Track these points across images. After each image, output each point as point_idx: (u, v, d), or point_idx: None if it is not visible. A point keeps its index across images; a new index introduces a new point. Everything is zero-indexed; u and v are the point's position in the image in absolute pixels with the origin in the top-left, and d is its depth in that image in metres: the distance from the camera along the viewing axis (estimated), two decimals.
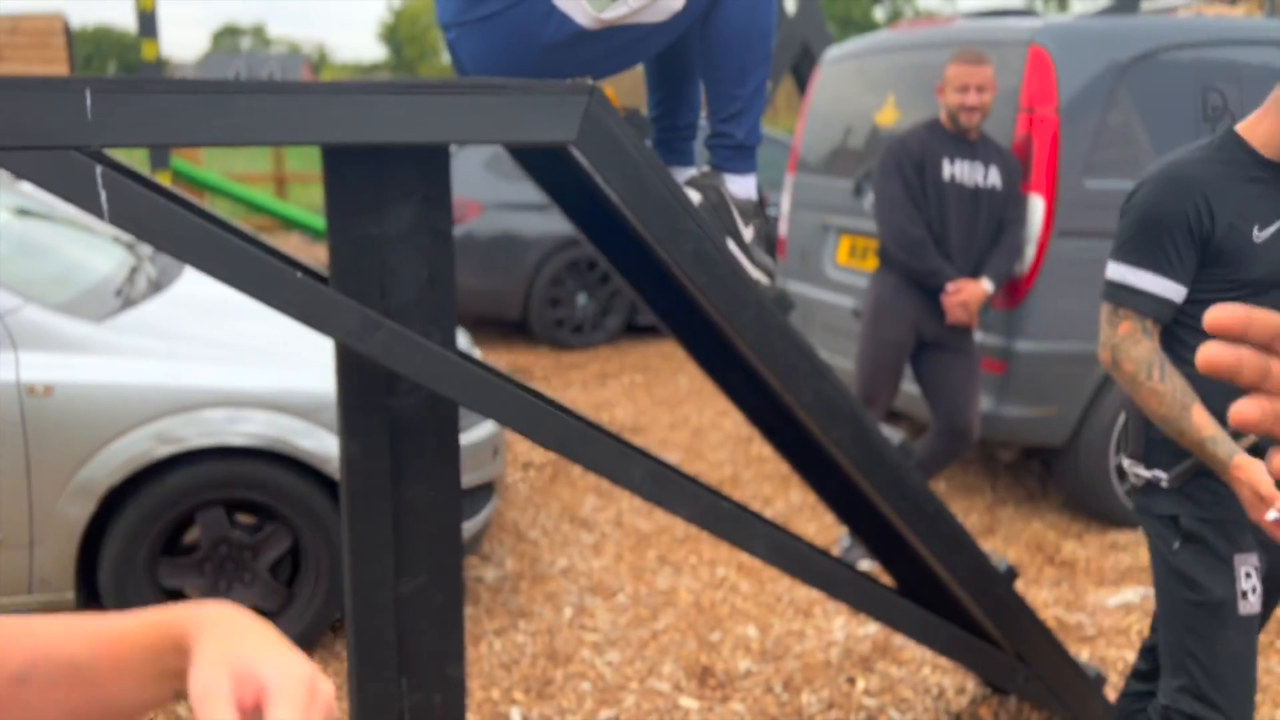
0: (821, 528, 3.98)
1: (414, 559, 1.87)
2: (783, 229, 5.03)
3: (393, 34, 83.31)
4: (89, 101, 1.36)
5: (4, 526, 2.65)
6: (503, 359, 6.40)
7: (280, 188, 12.64)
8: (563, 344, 6.76)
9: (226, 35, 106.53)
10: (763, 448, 4.90)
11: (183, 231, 1.44)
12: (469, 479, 3.16)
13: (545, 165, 2.22)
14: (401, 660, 1.90)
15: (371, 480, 1.80)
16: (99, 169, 1.39)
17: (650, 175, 1.69)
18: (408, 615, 1.89)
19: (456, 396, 1.69)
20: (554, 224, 6.54)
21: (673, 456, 4.76)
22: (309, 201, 12.88)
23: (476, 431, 3.22)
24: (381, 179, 1.70)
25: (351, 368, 1.75)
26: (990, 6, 4.39)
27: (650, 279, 2.36)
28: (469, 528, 3.22)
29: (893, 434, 2.04)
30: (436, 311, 1.77)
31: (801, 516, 4.10)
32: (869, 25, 48.25)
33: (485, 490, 3.30)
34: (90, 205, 1.39)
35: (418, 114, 1.56)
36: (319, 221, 9.72)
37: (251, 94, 1.47)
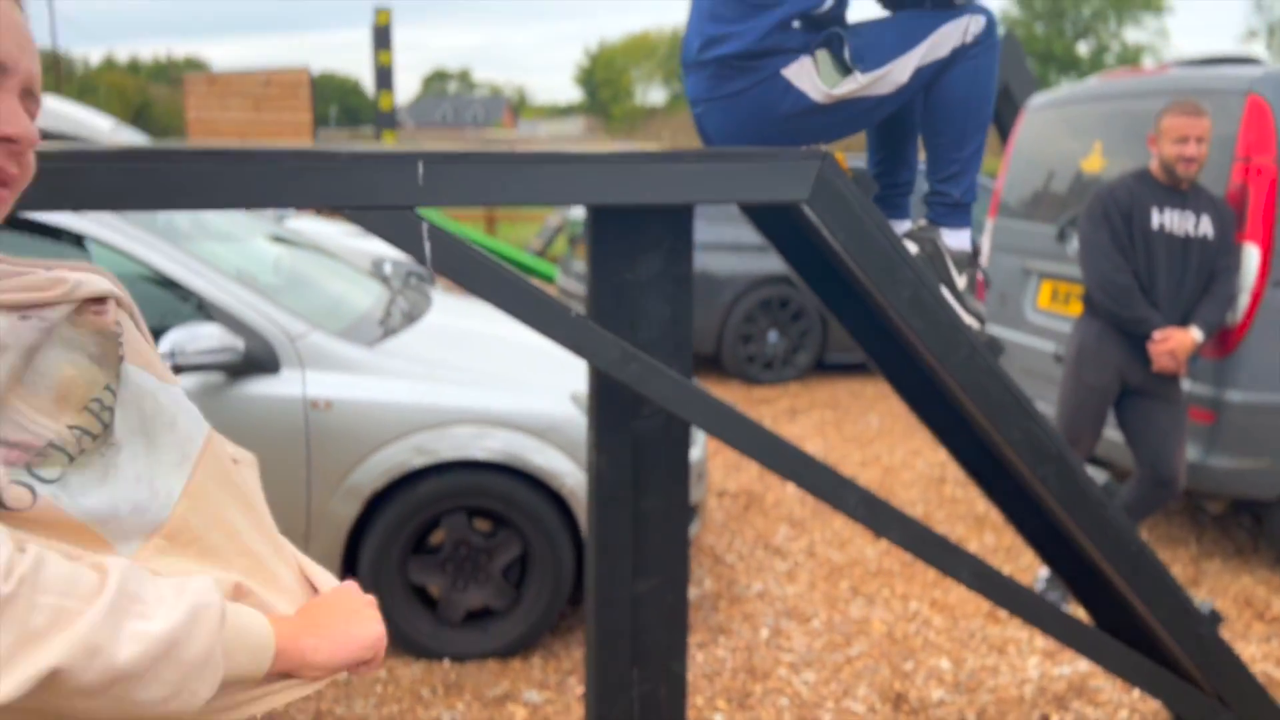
0: (1016, 570, 4.01)
1: (649, 562, 2.12)
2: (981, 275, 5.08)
3: (589, 77, 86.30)
4: (421, 171, 1.69)
5: (285, 520, 3.08)
6: None
7: (490, 225, 13.46)
8: (754, 379, 6.98)
9: (436, 80, 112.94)
10: (955, 489, 4.95)
11: (485, 276, 1.75)
12: None
13: (770, 217, 2.46)
14: (635, 653, 2.15)
15: (615, 490, 2.07)
16: (425, 225, 1.72)
17: (873, 229, 1.90)
18: (642, 612, 2.14)
19: (694, 420, 1.93)
20: (748, 263, 6.81)
21: None
22: (515, 238, 13.65)
23: None
24: (636, 232, 1.97)
25: (604, 392, 2.03)
26: (1207, 54, 4.35)
27: (862, 321, 2.55)
28: None
29: (1097, 474, 2.15)
30: (677, 346, 2.03)
31: (996, 558, 4.15)
32: (1071, 61, 46.40)
33: (690, 513, 3.55)
34: (417, 254, 1.72)
35: (674, 179, 1.83)
36: (524, 257, 10.34)
37: (538, 164, 1.78)
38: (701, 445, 3.65)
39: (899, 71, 1.99)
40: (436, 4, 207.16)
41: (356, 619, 0.95)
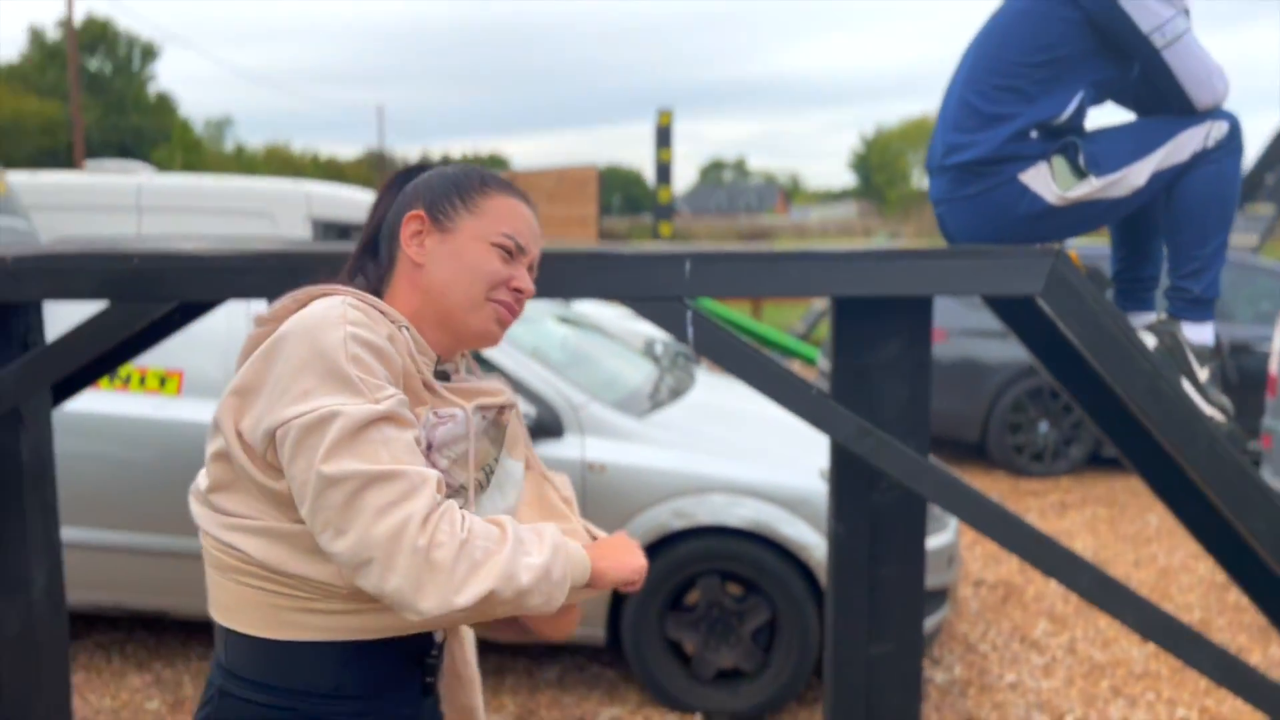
0: None
1: (884, 627, 2.27)
2: (1275, 366, 4.79)
3: (863, 163, 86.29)
4: (688, 269, 2.00)
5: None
6: None
7: (755, 309, 13.85)
8: (1021, 470, 6.80)
9: (712, 169, 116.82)
10: (1242, 597, 4.63)
11: (738, 356, 2.02)
12: (926, 582, 3.50)
13: (1010, 306, 2.58)
14: (869, 713, 2.30)
15: (853, 557, 2.25)
16: (690, 313, 2.02)
17: (1106, 321, 2.00)
18: (877, 675, 2.28)
19: (928, 495, 2.08)
20: (1017, 351, 6.70)
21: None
22: (779, 320, 13.96)
23: (934, 540, 3.56)
24: (878, 320, 2.18)
25: (844, 464, 2.23)
26: None
27: (1111, 413, 2.59)
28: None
29: None
30: (914, 425, 2.19)
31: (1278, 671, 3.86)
32: None
33: (939, 595, 3.61)
34: (682, 337, 2.01)
35: (914, 274, 2.03)
36: (787, 339, 10.59)
37: (789, 261, 2.04)
38: (953, 530, 3.71)
39: (1135, 175, 2.09)
40: (715, 97, 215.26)
41: (630, 553, 1.32)
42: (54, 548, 2.33)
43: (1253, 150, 12.96)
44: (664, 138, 10.96)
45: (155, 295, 1.99)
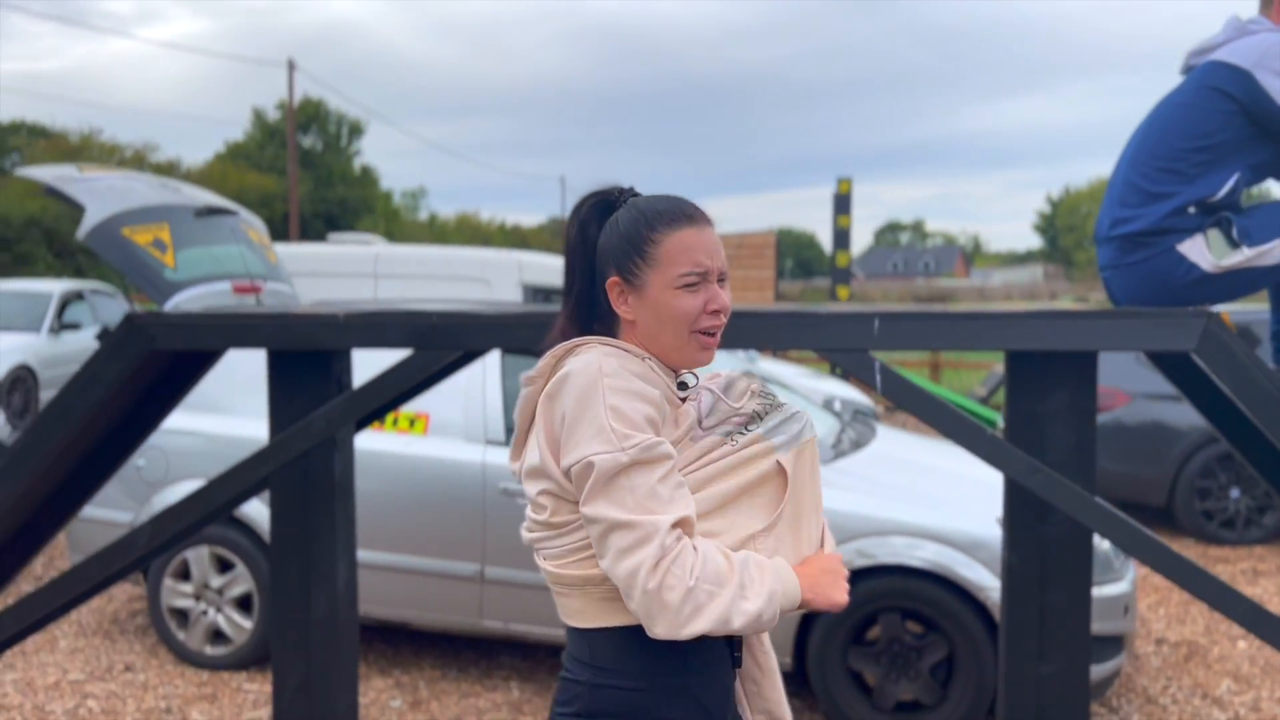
0: None
1: (1053, 649, 2.53)
2: None
3: (1049, 224, 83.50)
4: (876, 325, 2.38)
5: None
6: None
7: (934, 372, 13.86)
8: (1211, 537, 6.68)
9: (888, 231, 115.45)
10: None
11: (920, 400, 2.37)
12: (1100, 628, 3.68)
13: (1177, 366, 2.81)
14: None
15: (1024, 583, 2.53)
16: (878, 363, 2.39)
17: (1258, 375, 2.24)
18: (1046, 692, 2.54)
19: (1094, 527, 2.36)
20: None
21: None
22: (958, 384, 13.90)
23: (1110, 589, 3.73)
24: (1048, 373, 2.48)
25: (1017, 498, 2.52)
26: None
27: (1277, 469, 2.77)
28: (1098, 672, 3.69)
29: None
30: (1081, 466, 2.47)
31: None
32: None
33: (1114, 642, 3.76)
34: (871, 383, 2.38)
35: (1080, 331, 2.33)
36: (968, 403, 10.61)
37: (966, 320, 2.38)
38: (1129, 581, 3.85)
39: None
40: (893, 160, 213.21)
41: (836, 588, 1.48)
42: (352, 549, 2.89)
43: None
44: (843, 205, 11.33)
45: (448, 344, 2.52)
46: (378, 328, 2.54)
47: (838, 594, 1.47)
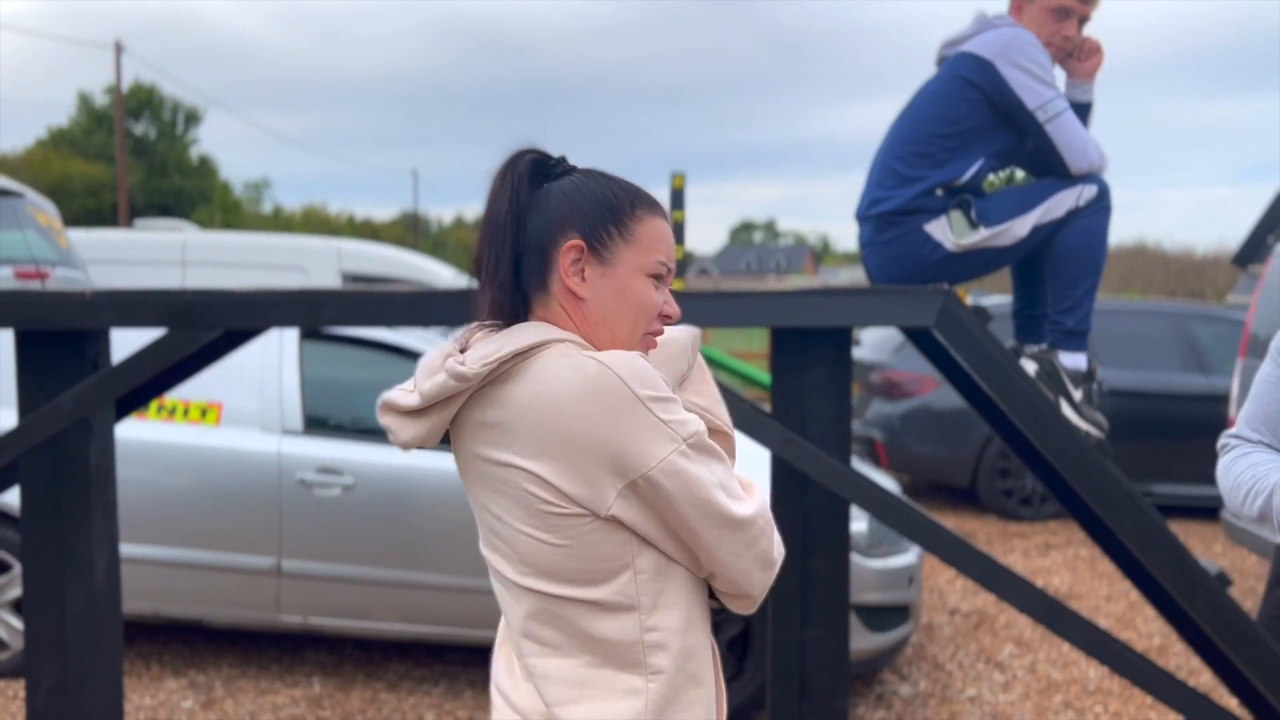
0: None
1: (815, 614, 2.63)
2: (1234, 411, 5.12)
3: None
4: None
5: None
6: (948, 522, 6.89)
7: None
8: (1010, 514, 7.09)
9: (742, 230, 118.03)
10: None
11: None
12: (885, 598, 3.85)
13: (926, 340, 2.97)
14: (803, 690, 2.65)
15: (788, 551, 2.62)
16: None
17: (990, 349, 2.39)
18: (810, 656, 2.64)
19: (847, 495, 2.46)
20: None
21: (1102, 622, 4.95)
22: None
23: (895, 560, 3.91)
24: (806, 347, 2.58)
25: (779, 470, 2.61)
26: None
27: (1032, 447, 2.95)
28: (883, 640, 3.87)
29: (1209, 565, 2.43)
30: (838, 439, 2.58)
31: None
32: None
33: (900, 612, 3.94)
34: None
35: (833, 307, 2.43)
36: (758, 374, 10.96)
37: (735, 297, 2.45)
38: (915, 553, 4.04)
39: (1018, 228, 2.51)
40: (745, 161, 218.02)
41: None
42: (113, 538, 2.76)
43: (1255, 213, 13.29)
44: (678, 200, 11.49)
45: (206, 324, 2.43)
46: (129, 306, 2.43)
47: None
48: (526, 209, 1.31)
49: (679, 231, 11.54)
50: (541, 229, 1.30)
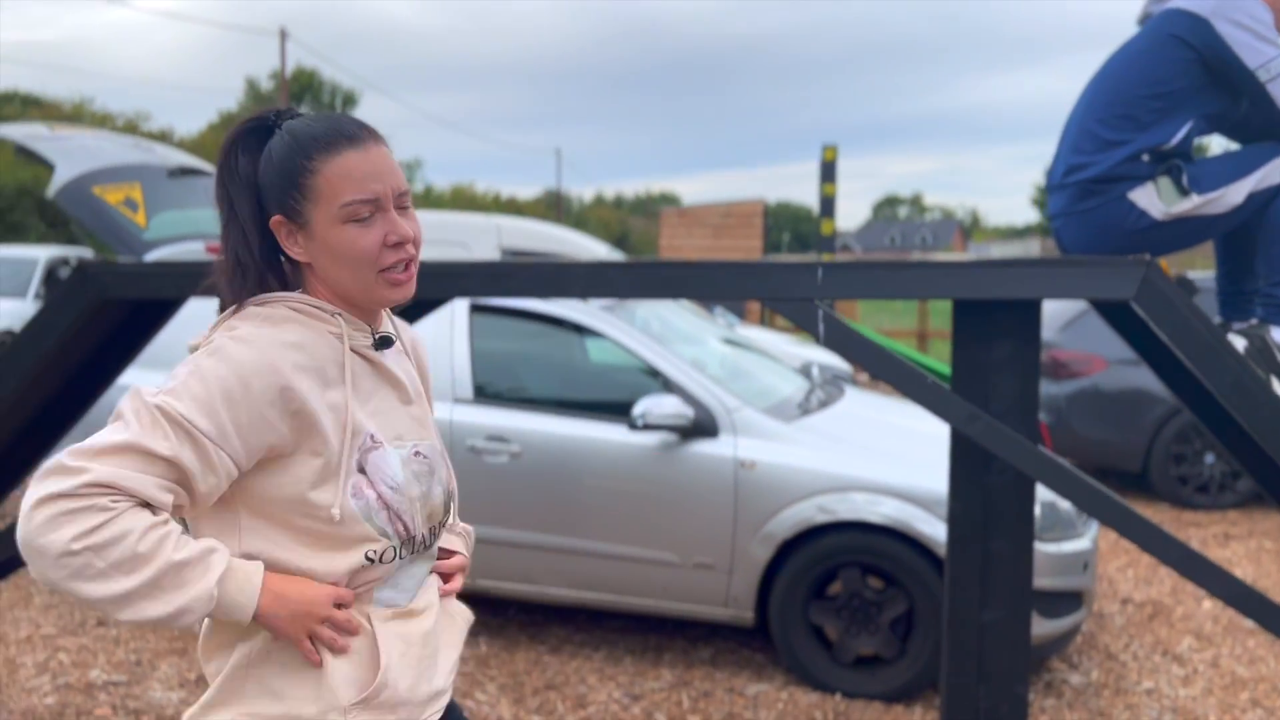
0: None
1: (995, 596, 2.56)
2: None
3: (1046, 198, 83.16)
4: (820, 275, 2.39)
5: (717, 556, 3.85)
6: None
7: (922, 342, 13.88)
8: (1185, 502, 6.72)
9: (886, 205, 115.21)
10: None
11: (865, 350, 2.39)
12: (1058, 583, 3.72)
13: (1120, 315, 2.83)
14: (980, 672, 2.59)
15: (967, 532, 2.56)
16: (820, 312, 2.40)
17: (1194, 323, 2.26)
18: (988, 638, 2.58)
19: (1034, 474, 2.38)
20: None
21: None
22: (946, 355, 13.93)
23: (1070, 545, 3.76)
24: (992, 322, 2.50)
25: (960, 448, 2.55)
26: None
27: (1235, 431, 2.78)
28: (1055, 627, 3.74)
29: None
30: (1024, 416, 2.49)
31: None
32: None
33: (1073, 598, 3.80)
34: (814, 332, 2.40)
35: (1022, 279, 2.34)
36: (937, 364, 10.64)
37: (909, 269, 2.39)
38: (1090, 538, 3.88)
39: (1233, 194, 2.35)
40: (892, 134, 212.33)
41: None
42: None
43: None
44: (828, 173, 11.30)
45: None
46: None
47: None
48: (240, 181, 1.34)
49: (829, 205, 11.37)
50: (260, 210, 1.34)
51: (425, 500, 1.39)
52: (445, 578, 1.52)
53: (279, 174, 1.31)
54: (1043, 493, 3.76)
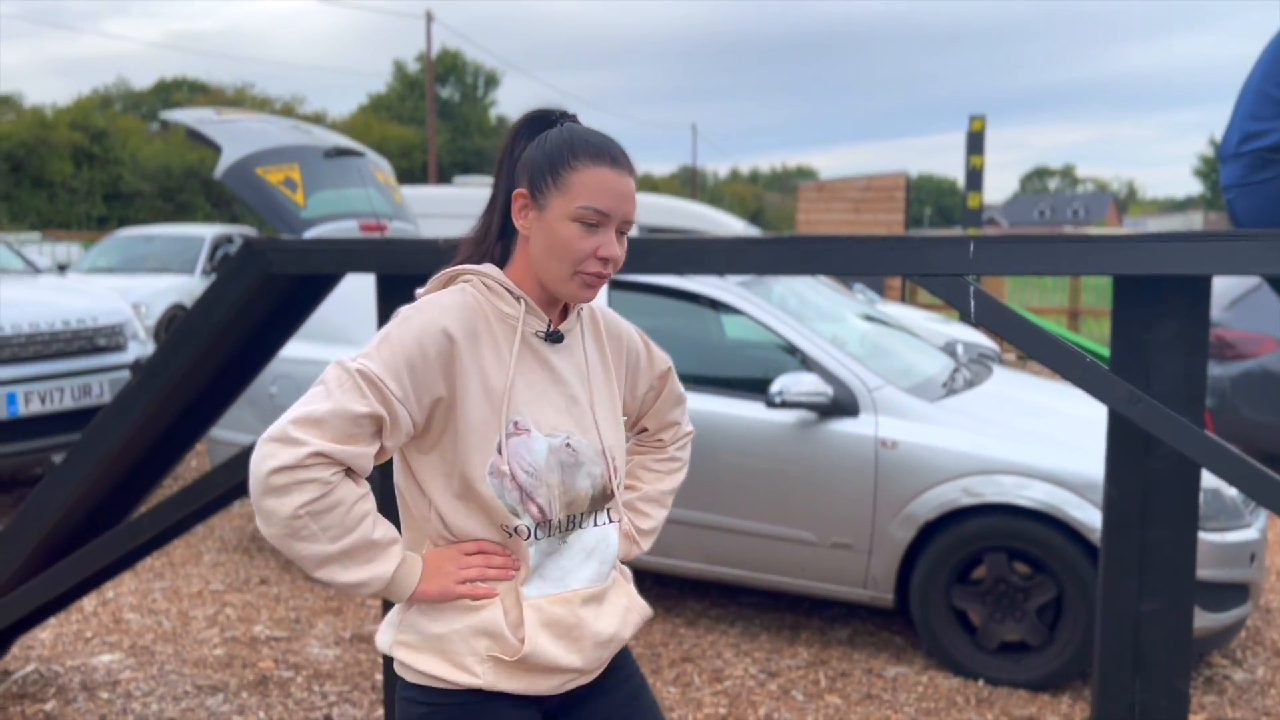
0: None
1: (1154, 586, 2.45)
2: None
3: (1212, 168, 78.36)
4: (971, 249, 2.31)
5: (856, 536, 3.80)
6: None
7: (1073, 321, 13.30)
8: None
9: (1035, 177, 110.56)
10: None
11: (1017, 327, 2.30)
12: (1222, 575, 3.52)
13: None
14: (1136, 664, 2.48)
15: (1125, 518, 2.45)
16: (972, 287, 2.32)
17: None
18: (1145, 630, 2.46)
19: (1200, 460, 2.25)
20: None
21: None
22: (1098, 334, 13.32)
23: (1236, 535, 3.56)
24: (1156, 299, 2.37)
25: (1118, 430, 2.43)
26: None
27: None
28: (1216, 620, 3.54)
29: None
30: (1189, 399, 2.36)
31: None
32: None
33: (1239, 590, 3.59)
34: (964, 309, 2.33)
35: (1187, 254, 2.21)
36: (1104, 350, 10.16)
37: (1068, 242, 2.29)
38: (1258, 529, 3.66)
39: None
40: (1043, 103, 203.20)
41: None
42: None
43: None
44: (975, 144, 10.91)
45: None
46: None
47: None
48: (517, 161, 1.50)
49: (975, 178, 10.99)
50: (511, 180, 1.50)
51: (565, 489, 1.49)
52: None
53: (544, 157, 1.46)
54: (1207, 479, 3.56)
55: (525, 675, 1.48)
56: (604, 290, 4.35)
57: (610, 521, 1.57)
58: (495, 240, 1.53)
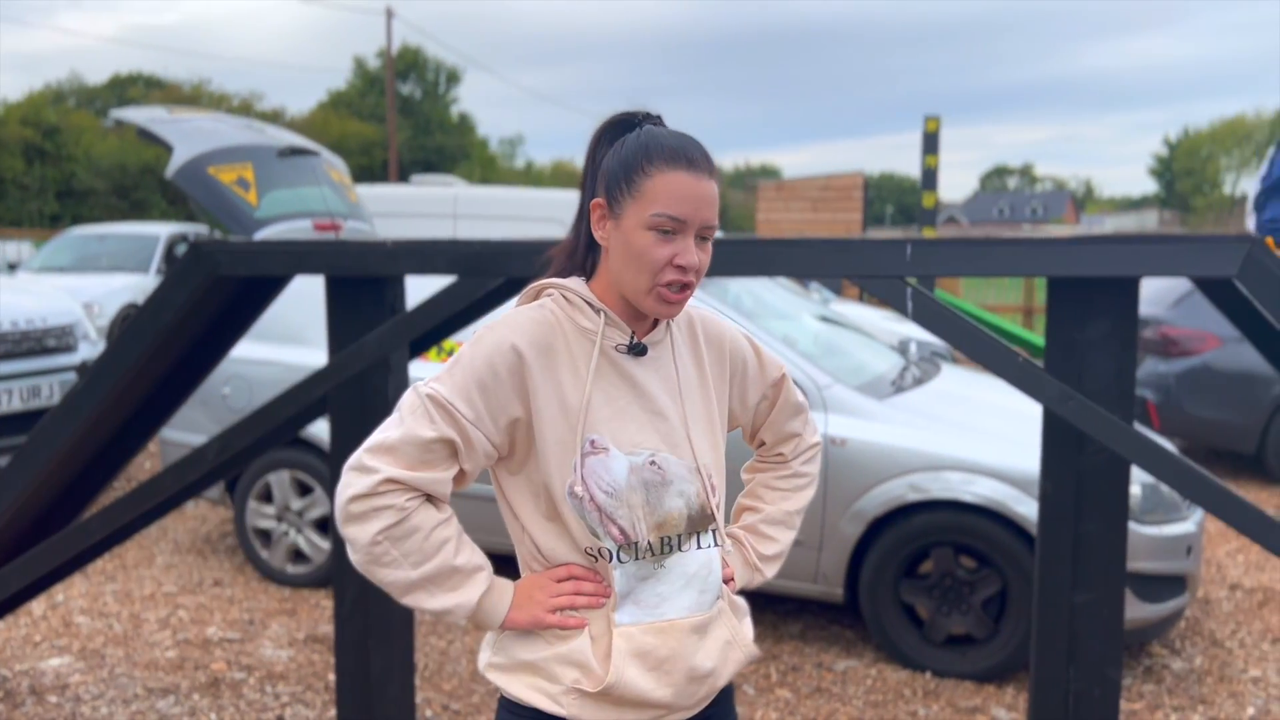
0: None
1: (1086, 578, 2.52)
2: None
3: (1166, 167, 79.82)
4: (909, 251, 2.37)
5: (806, 532, 3.86)
6: None
7: (1028, 318, 13.51)
8: None
9: (995, 176, 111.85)
10: None
11: (954, 326, 2.36)
12: (1159, 567, 3.62)
13: (1220, 292, 2.73)
14: (1070, 654, 2.55)
15: (1059, 511, 2.52)
16: (909, 290, 2.38)
17: None
18: (1079, 620, 2.54)
19: (1128, 455, 2.32)
20: None
21: None
22: None
23: (1171, 528, 3.66)
24: (1088, 299, 2.44)
25: (1055, 426, 2.50)
26: None
27: None
28: (1155, 611, 3.65)
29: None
30: (1120, 397, 2.44)
31: None
32: None
33: (1175, 582, 3.70)
34: (902, 309, 2.38)
35: (1118, 256, 2.29)
36: (1030, 335, 10.33)
37: (1003, 245, 2.35)
38: (1194, 522, 3.77)
39: None
40: (998, 101, 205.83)
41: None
42: None
43: None
44: (931, 144, 11.06)
45: (489, 271, 2.60)
46: (424, 255, 2.64)
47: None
48: (598, 169, 1.45)
49: (930, 177, 11.14)
50: (593, 190, 1.45)
51: (652, 510, 1.41)
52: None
53: (620, 164, 1.41)
54: (1145, 474, 3.66)
55: (612, 708, 1.40)
56: None
57: (715, 545, 1.49)
58: (584, 253, 1.47)
